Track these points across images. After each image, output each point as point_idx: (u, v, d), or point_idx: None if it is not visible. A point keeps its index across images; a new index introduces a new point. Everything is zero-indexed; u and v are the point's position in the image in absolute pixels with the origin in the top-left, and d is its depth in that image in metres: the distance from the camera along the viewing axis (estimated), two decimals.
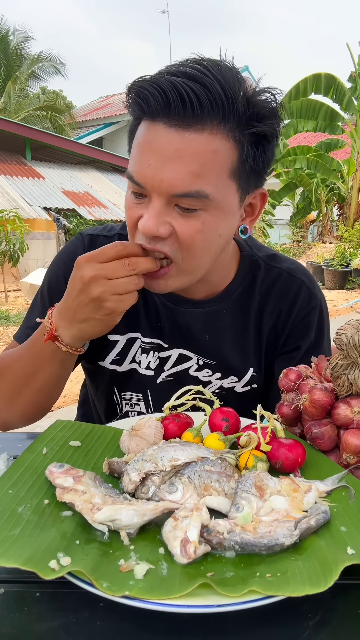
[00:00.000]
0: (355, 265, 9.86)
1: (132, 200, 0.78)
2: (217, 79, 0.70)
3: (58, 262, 0.99)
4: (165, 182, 0.71)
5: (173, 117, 0.70)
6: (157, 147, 0.72)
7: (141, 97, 0.72)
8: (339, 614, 0.49)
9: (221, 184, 0.75)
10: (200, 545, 0.51)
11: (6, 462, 0.72)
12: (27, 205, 10.14)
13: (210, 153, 0.72)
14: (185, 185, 0.72)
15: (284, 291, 0.96)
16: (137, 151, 0.75)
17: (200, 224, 0.75)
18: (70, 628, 0.46)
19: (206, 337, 0.95)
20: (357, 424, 0.67)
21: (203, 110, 0.70)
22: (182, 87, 0.68)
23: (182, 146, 0.71)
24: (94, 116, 19.80)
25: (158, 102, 0.70)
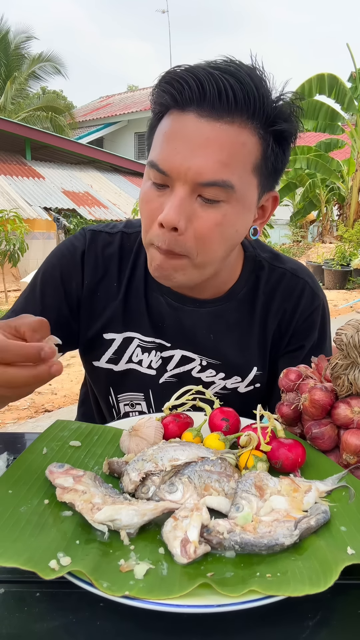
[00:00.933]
0: (355, 265, 9.86)
1: (152, 192, 0.77)
2: (251, 77, 0.73)
3: (57, 253, 0.98)
4: (193, 170, 0.72)
5: (205, 108, 0.72)
6: (186, 135, 0.73)
7: (175, 86, 0.73)
8: (339, 614, 0.49)
9: (245, 177, 0.76)
10: (200, 545, 0.51)
11: (6, 462, 0.72)
12: (27, 205, 10.14)
13: (238, 145, 0.74)
14: (213, 174, 0.72)
15: (288, 291, 0.96)
16: (163, 139, 0.75)
17: (221, 216, 0.76)
18: (70, 628, 0.46)
19: (210, 336, 0.95)
20: (357, 424, 0.67)
21: (237, 103, 0.72)
22: (219, 79, 0.71)
23: (213, 135, 0.72)
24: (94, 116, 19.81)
25: (194, 92, 0.72)
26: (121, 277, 0.95)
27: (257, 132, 0.75)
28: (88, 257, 0.95)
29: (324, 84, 11.00)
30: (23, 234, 7.62)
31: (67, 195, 11.46)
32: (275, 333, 0.97)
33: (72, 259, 0.95)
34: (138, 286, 0.95)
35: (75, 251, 0.96)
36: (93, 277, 0.95)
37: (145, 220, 0.79)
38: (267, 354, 0.98)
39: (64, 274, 0.95)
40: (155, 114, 0.79)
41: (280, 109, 0.76)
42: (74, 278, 0.95)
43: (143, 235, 0.81)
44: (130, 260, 0.96)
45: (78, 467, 0.65)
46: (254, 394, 0.98)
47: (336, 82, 11.03)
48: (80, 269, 0.95)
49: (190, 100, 0.72)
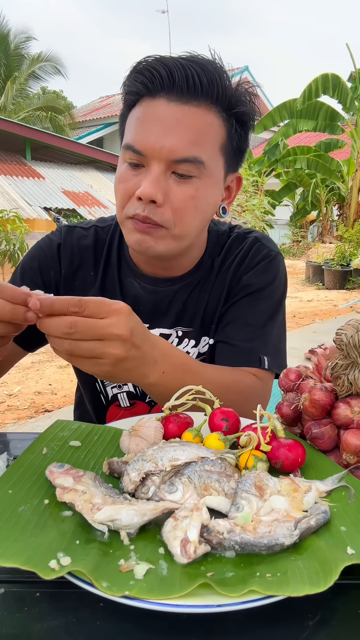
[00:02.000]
0: (355, 265, 9.85)
1: (128, 172, 0.84)
2: (212, 65, 0.83)
3: (35, 247, 1.05)
4: (167, 148, 0.80)
5: (174, 94, 0.81)
6: (159, 118, 0.81)
7: (147, 75, 0.81)
8: (339, 614, 0.49)
9: (213, 155, 0.85)
10: (200, 545, 0.51)
11: (6, 462, 0.72)
12: (27, 205, 10.14)
13: (206, 124, 0.83)
14: (185, 151, 0.81)
15: (238, 249, 1.03)
16: (136, 123, 0.83)
17: (194, 190, 0.84)
18: (70, 628, 0.46)
19: (181, 306, 1.00)
20: (357, 424, 0.67)
21: (202, 88, 0.81)
22: (187, 67, 0.80)
23: (182, 117, 0.81)
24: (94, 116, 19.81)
25: (164, 79, 0.80)
26: (97, 266, 1.02)
27: (220, 115, 0.84)
28: (64, 249, 1.02)
29: (328, 84, 11.02)
30: (23, 234, 7.62)
31: (67, 195, 11.46)
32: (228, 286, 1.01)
33: (49, 251, 1.02)
34: (113, 273, 1.02)
35: (51, 244, 1.03)
36: (69, 267, 1.01)
37: (121, 198, 0.86)
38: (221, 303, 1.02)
39: (42, 265, 1.01)
40: (126, 103, 0.87)
41: (239, 95, 0.86)
42: (52, 268, 1.01)
43: (118, 212, 0.88)
44: (104, 250, 1.03)
45: (78, 467, 0.65)
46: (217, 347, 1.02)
47: (339, 82, 11.04)
48: (57, 259, 1.02)
49: (161, 87, 0.81)
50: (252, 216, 10.01)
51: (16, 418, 3.44)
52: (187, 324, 1.02)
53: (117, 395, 1.03)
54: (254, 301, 0.99)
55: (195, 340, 1.02)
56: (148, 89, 0.82)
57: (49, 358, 4.75)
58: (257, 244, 1.03)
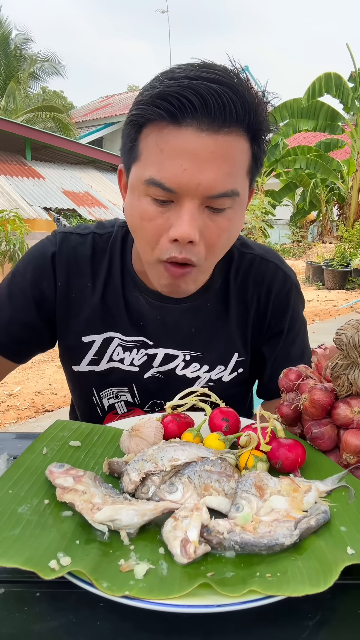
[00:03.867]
0: (355, 265, 9.85)
1: (154, 208, 0.76)
2: (245, 87, 0.74)
3: (28, 255, 0.98)
4: (204, 185, 0.73)
5: (203, 122, 0.71)
6: (190, 151, 0.72)
7: (174, 103, 0.70)
8: (339, 614, 0.49)
9: (244, 181, 0.79)
10: (200, 545, 0.51)
11: (6, 462, 0.71)
12: (27, 205, 10.14)
13: (238, 153, 0.76)
14: (222, 186, 0.74)
15: (260, 276, 0.99)
16: (163, 156, 0.73)
17: (228, 221, 0.79)
18: (70, 628, 0.46)
19: (192, 330, 0.97)
20: (357, 424, 0.67)
21: (237, 116, 0.73)
22: (222, 95, 0.71)
23: (217, 148, 0.73)
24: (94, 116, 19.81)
25: (196, 108, 0.70)
26: (95, 277, 0.96)
27: (247, 137, 0.77)
28: (59, 258, 0.95)
29: (330, 83, 11.02)
30: (23, 234, 7.61)
31: (67, 195, 11.45)
32: (255, 319, 0.99)
33: (42, 260, 0.95)
34: (115, 286, 0.95)
35: (45, 253, 0.96)
36: (66, 278, 0.95)
37: (148, 238, 0.79)
38: (248, 340, 1.00)
39: (35, 275, 0.95)
40: (134, 123, 0.77)
41: (263, 114, 0.78)
42: (46, 279, 0.95)
43: (146, 253, 0.81)
44: (105, 260, 0.96)
45: (78, 467, 0.65)
46: (238, 380, 1.00)
47: (340, 82, 11.05)
48: (51, 270, 0.95)
49: (188, 116, 0.71)
50: (252, 216, 10.01)
51: (16, 418, 3.44)
52: (198, 349, 0.97)
53: (114, 405, 1.02)
54: (293, 338, 1.01)
55: (209, 366, 0.98)
56: (174, 116, 0.71)
57: (49, 358, 4.75)
58: (281, 273, 1.00)
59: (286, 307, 1.00)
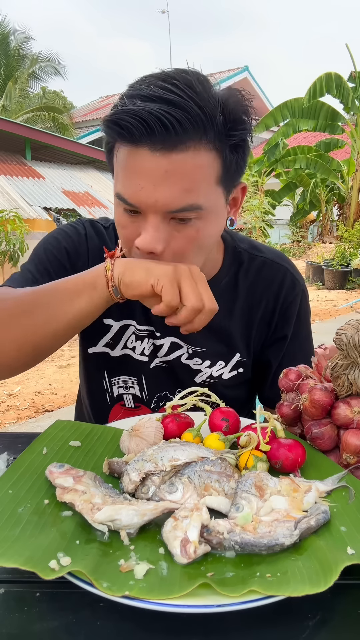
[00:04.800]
0: (355, 265, 9.85)
1: (125, 218, 0.79)
2: (194, 100, 0.71)
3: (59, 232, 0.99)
4: (160, 202, 0.74)
5: (156, 142, 0.72)
6: (145, 172, 0.74)
7: (123, 126, 0.72)
8: (339, 614, 0.49)
9: (211, 193, 0.78)
10: (200, 545, 0.51)
11: (6, 462, 0.72)
12: (27, 205, 10.14)
13: (197, 168, 0.75)
14: (179, 202, 0.75)
15: (269, 279, 0.99)
16: (124, 175, 0.76)
17: (195, 231, 0.79)
18: (70, 628, 0.46)
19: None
20: (357, 424, 0.67)
21: (186, 132, 0.72)
22: (162, 115, 0.70)
23: (170, 167, 0.73)
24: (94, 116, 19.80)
25: (141, 132, 0.71)
26: None
27: (212, 147, 0.75)
28: (91, 243, 0.97)
29: (331, 83, 11.03)
30: (23, 234, 7.62)
31: (67, 195, 11.45)
32: (261, 322, 1.00)
33: (78, 239, 0.97)
34: None
35: (79, 234, 0.98)
36: (97, 258, 0.95)
37: (123, 243, 0.82)
38: (252, 342, 1.00)
39: (71, 250, 0.96)
40: (106, 143, 0.81)
41: (230, 117, 0.75)
42: (81, 258, 0.96)
43: (127, 254, 0.83)
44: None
45: (78, 467, 0.65)
46: (238, 379, 1.01)
47: (341, 82, 11.06)
48: (86, 251, 0.96)
49: (140, 138, 0.72)
50: (252, 216, 10.01)
51: (16, 418, 3.44)
52: (199, 344, 0.98)
53: (122, 396, 1.03)
54: (297, 345, 1.01)
55: (211, 361, 0.99)
56: (126, 139, 0.74)
57: (49, 358, 4.75)
58: (290, 277, 1.00)
59: (292, 312, 1.00)
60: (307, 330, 1.05)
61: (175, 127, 0.71)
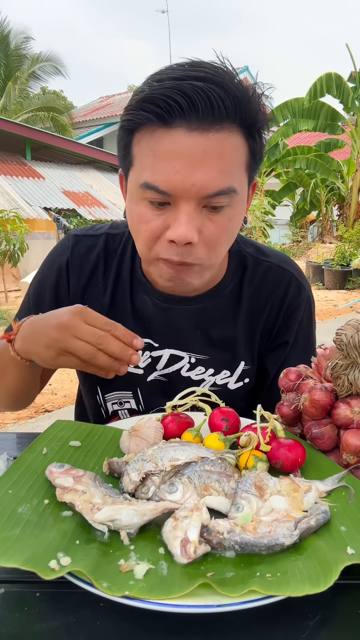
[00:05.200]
0: (355, 265, 9.85)
1: (150, 211, 0.76)
2: (233, 82, 0.72)
3: (46, 263, 1.01)
4: (198, 185, 0.72)
5: (193, 122, 0.70)
6: (182, 152, 0.71)
7: (162, 105, 0.70)
8: (339, 614, 0.49)
9: (241, 178, 0.78)
10: (200, 545, 0.51)
11: (6, 462, 0.72)
12: (27, 205, 10.14)
13: (232, 149, 0.74)
14: (218, 184, 0.73)
15: (274, 285, 0.97)
16: (155, 160, 0.73)
17: (227, 220, 0.78)
18: (70, 628, 0.46)
19: (197, 332, 0.95)
20: (357, 424, 0.67)
21: (227, 112, 0.71)
22: (209, 92, 0.69)
23: (208, 147, 0.71)
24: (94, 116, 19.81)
25: (184, 109, 0.70)
26: (106, 278, 0.96)
27: (242, 132, 0.75)
28: (72, 263, 0.97)
29: (332, 83, 11.04)
30: (23, 234, 7.62)
31: (67, 195, 11.46)
32: (264, 328, 0.98)
33: (58, 269, 0.98)
34: (124, 288, 0.95)
35: (60, 260, 0.98)
36: (78, 283, 0.97)
37: (147, 240, 0.79)
38: (255, 349, 0.99)
39: (52, 285, 0.98)
40: (126, 128, 0.76)
41: (257, 106, 0.77)
42: (61, 286, 0.97)
43: (145, 251, 0.81)
44: (114, 262, 0.97)
45: (78, 467, 0.65)
46: (243, 390, 0.99)
47: (341, 82, 11.06)
48: (65, 277, 0.97)
49: (176, 117, 0.70)
50: (252, 216, 10.01)
51: (16, 418, 3.44)
52: (203, 352, 0.95)
53: (117, 412, 1.01)
54: (299, 352, 0.98)
55: (215, 369, 0.96)
56: (163, 119, 0.71)
57: None
58: (296, 283, 0.98)
59: (295, 318, 0.98)
60: (310, 340, 1.02)
61: (219, 105, 0.70)
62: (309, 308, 1.01)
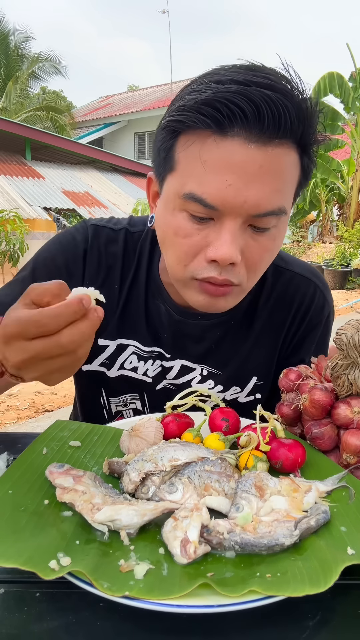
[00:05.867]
0: (355, 265, 9.85)
1: (190, 225, 0.70)
2: (303, 97, 0.66)
3: (56, 243, 0.91)
4: (250, 202, 0.66)
5: (253, 132, 0.64)
6: (237, 165, 0.65)
7: (223, 110, 0.63)
8: (339, 614, 0.49)
9: (290, 197, 0.72)
10: (200, 545, 0.51)
11: (6, 462, 0.71)
12: (27, 205, 10.14)
13: (288, 167, 0.69)
14: (270, 204, 0.67)
15: (297, 297, 0.92)
16: (206, 170, 0.66)
17: (272, 241, 0.73)
18: (70, 628, 0.46)
19: (212, 346, 0.92)
20: (357, 424, 0.67)
21: (292, 126, 0.65)
22: (278, 104, 0.63)
23: (266, 162, 0.65)
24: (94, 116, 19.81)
25: (247, 117, 0.63)
26: (123, 280, 0.90)
27: (297, 149, 0.69)
28: (90, 255, 0.88)
29: (334, 83, 11.04)
30: (23, 234, 7.62)
31: (67, 195, 11.46)
32: (283, 343, 0.93)
33: (74, 253, 0.88)
34: (139, 292, 0.90)
35: (77, 246, 0.89)
36: (95, 278, 0.89)
37: (181, 255, 0.73)
38: (273, 364, 0.94)
39: (64, 267, 0.88)
40: (170, 132, 0.69)
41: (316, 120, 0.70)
42: (74, 274, 0.88)
43: (178, 268, 0.75)
44: (134, 262, 0.90)
45: (78, 467, 0.65)
46: (253, 405, 0.95)
47: (342, 82, 11.07)
48: (81, 267, 0.88)
49: (241, 125, 0.64)
50: None
51: (16, 418, 3.44)
52: (216, 366, 0.91)
53: (122, 412, 0.98)
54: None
55: (224, 386, 0.92)
56: (221, 125, 0.64)
57: None
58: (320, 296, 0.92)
59: (313, 337, 0.94)
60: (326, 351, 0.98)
61: (285, 117, 0.64)
62: (327, 325, 0.96)
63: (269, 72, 0.66)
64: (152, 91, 21.27)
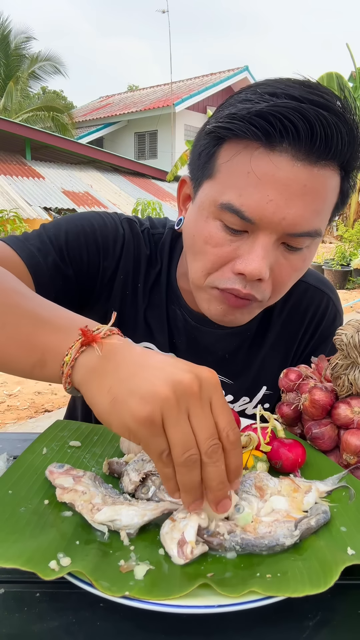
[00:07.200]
0: (355, 265, 9.86)
1: (223, 235, 0.69)
2: (355, 121, 0.65)
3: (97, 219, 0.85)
4: (288, 220, 0.65)
5: (302, 151, 0.63)
6: (281, 181, 0.64)
7: (275, 124, 0.62)
8: (339, 614, 0.49)
9: (327, 220, 0.72)
10: (197, 545, 0.51)
11: (6, 462, 0.71)
12: (27, 205, 10.15)
13: (330, 189, 0.68)
14: (308, 225, 0.67)
15: (310, 308, 0.92)
16: (249, 182, 0.65)
17: (302, 262, 0.72)
18: (70, 628, 0.46)
19: (226, 356, 0.91)
20: (357, 424, 0.67)
21: (341, 149, 0.64)
22: (333, 125, 0.62)
23: (310, 182, 0.65)
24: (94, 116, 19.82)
25: (300, 134, 0.62)
26: (146, 281, 0.88)
27: (340, 173, 0.69)
28: (127, 246, 0.85)
29: (333, 83, 11.04)
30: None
31: (67, 195, 11.46)
32: (295, 354, 0.94)
33: (114, 238, 0.84)
34: (160, 295, 0.89)
35: (118, 232, 0.85)
36: (126, 273, 0.85)
37: (208, 264, 0.71)
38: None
39: (102, 245, 0.83)
40: (215, 138, 0.68)
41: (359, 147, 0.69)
42: (108, 258, 0.83)
43: (200, 274, 0.74)
44: (158, 264, 0.88)
45: (78, 467, 0.65)
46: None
47: (342, 82, 11.09)
48: (119, 254, 0.84)
49: (292, 140, 0.63)
50: None
51: (16, 418, 3.44)
52: (229, 376, 0.90)
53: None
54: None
55: (234, 396, 0.91)
56: (271, 138, 0.63)
57: None
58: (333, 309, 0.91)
59: (326, 346, 0.93)
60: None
61: (336, 139, 0.63)
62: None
63: (324, 91, 0.65)
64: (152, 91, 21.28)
